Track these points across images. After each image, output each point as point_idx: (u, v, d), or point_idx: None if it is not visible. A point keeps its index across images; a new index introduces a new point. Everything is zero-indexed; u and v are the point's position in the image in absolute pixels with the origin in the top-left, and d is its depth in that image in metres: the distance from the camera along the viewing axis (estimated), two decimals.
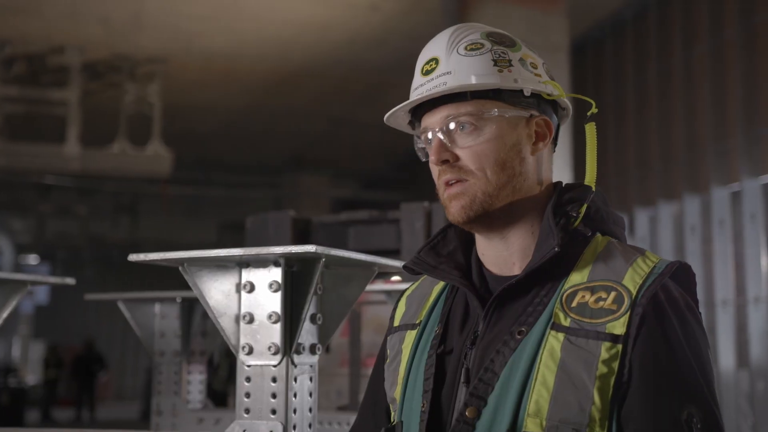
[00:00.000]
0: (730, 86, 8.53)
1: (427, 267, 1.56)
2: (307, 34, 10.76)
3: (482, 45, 1.49)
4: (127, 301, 3.01)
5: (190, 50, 11.30)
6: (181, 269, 1.91)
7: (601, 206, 1.54)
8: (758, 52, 8.18)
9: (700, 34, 8.99)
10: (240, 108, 13.61)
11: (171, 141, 12.18)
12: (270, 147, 15.99)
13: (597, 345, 1.33)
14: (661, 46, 9.60)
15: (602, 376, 1.32)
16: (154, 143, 11.88)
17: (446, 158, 1.47)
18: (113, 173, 12.66)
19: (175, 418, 2.98)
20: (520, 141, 1.48)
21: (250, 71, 11.99)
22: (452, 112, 1.47)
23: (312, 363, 1.96)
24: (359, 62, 11.68)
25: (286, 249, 1.82)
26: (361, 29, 10.68)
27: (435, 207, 3.20)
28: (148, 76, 11.83)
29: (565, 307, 1.38)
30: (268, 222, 3.31)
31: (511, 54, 1.50)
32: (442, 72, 1.48)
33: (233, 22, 10.48)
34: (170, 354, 3.04)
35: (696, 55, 9.07)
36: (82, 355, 17.61)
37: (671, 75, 9.30)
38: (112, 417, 17.22)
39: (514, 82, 1.47)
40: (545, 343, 1.36)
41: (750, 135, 8.24)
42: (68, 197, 17.93)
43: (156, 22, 10.51)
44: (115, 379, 22.91)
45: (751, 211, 8.22)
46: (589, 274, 1.41)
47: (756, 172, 8.19)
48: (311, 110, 13.69)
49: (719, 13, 8.75)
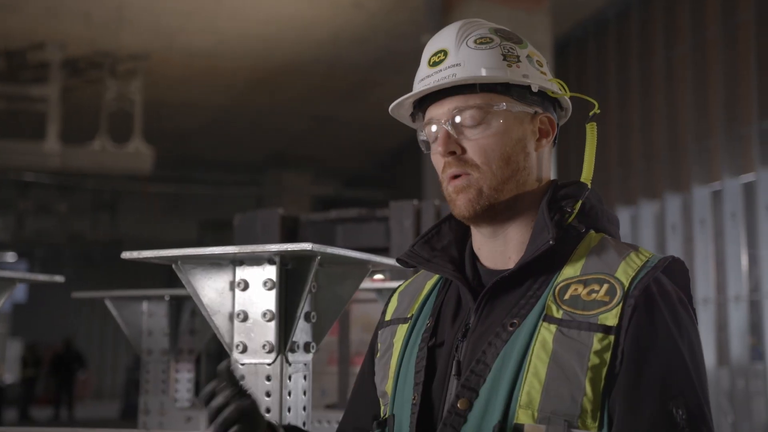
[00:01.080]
0: (711, 86, 8.59)
1: (421, 260, 1.56)
2: (290, 31, 10.73)
3: (491, 39, 1.50)
4: (114, 299, 2.99)
5: (172, 47, 11.24)
6: (175, 267, 1.90)
7: (596, 204, 1.54)
8: (739, 52, 8.24)
9: (682, 33, 9.04)
10: (222, 105, 13.56)
11: (152, 138, 12.11)
12: (252, 145, 15.94)
13: (589, 336, 1.33)
14: (644, 45, 9.65)
15: (594, 367, 1.32)
16: (135, 140, 11.80)
17: (453, 149, 1.47)
18: (94, 170, 12.58)
19: (163, 417, 2.97)
20: (525, 136, 1.49)
21: (232, 68, 11.95)
22: (460, 104, 1.47)
23: (306, 361, 1.96)
24: (342, 60, 11.67)
25: (282, 247, 1.81)
26: (344, 27, 10.66)
27: (424, 205, 3.20)
28: (129, 72, 11.76)
29: (558, 300, 1.39)
30: (257, 220, 3.30)
31: (519, 50, 1.51)
32: (452, 63, 1.48)
33: (216, 19, 10.43)
34: (158, 352, 3.03)
35: (678, 54, 9.12)
36: (60, 354, 17.48)
37: (653, 74, 9.35)
38: (91, 416, 17.10)
39: (523, 77, 1.48)
40: (537, 335, 1.36)
41: (731, 134, 8.30)
42: (48, 195, 17.79)
43: (138, 18, 10.45)
44: (94, 377, 22.76)
45: (732, 210, 8.29)
46: (582, 268, 1.42)
47: (737, 171, 8.26)
48: (293, 108, 13.66)
49: (701, 13, 8.81)
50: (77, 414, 16.82)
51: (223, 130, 14.87)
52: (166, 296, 2.97)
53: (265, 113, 13.96)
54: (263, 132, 15.06)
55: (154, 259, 1.89)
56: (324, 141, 15.63)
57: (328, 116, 14.08)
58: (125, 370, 18.83)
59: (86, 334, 22.87)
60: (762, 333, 8.06)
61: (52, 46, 11.20)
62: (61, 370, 17.13)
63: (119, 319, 3.01)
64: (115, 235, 18.94)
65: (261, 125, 14.65)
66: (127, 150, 11.80)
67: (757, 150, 7.89)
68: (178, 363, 3.06)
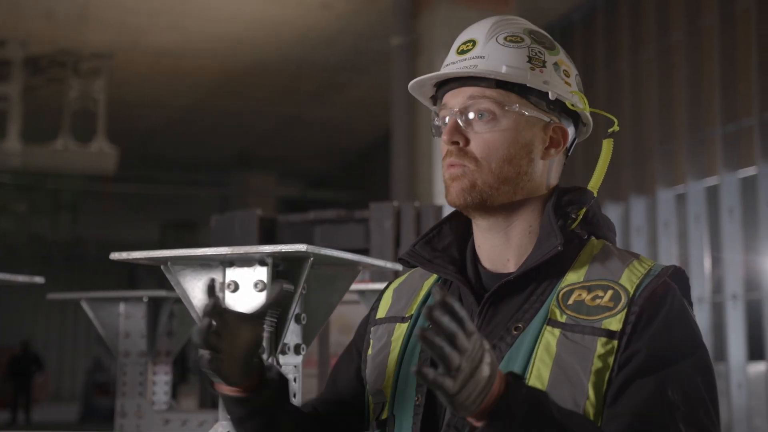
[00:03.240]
0: (676, 89, 8.71)
1: (422, 260, 1.56)
2: (257, 31, 10.68)
3: (522, 39, 1.51)
4: (90, 301, 2.95)
5: (137, 46, 11.12)
6: (164, 268, 1.88)
7: (597, 211, 1.56)
8: (704, 55, 8.35)
9: (647, 38, 9.15)
10: (187, 105, 13.45)
11: (116, 138, 11.98)
12: (217, 145, 15.83)
13: (593, 340, 1.34)
14: (609, 49, 9.75)
15: (597, 371, 1.33)
16: (99, 140, 11.66)
17: (457, 140, 1.47)
18: (56, 170, 12.40)
19: (140, 420, 2.93)
20: (532, 142, 1.49)
21: (198, 68, 11.85)
22: (476, 94, 1.47)
23: (296, 363, 1.94)
24: (309, 61, 11.63)
25: (276, 248, 1.79)
26: (312, 28, 10.63)
27: (404, 207, 3.19)
28: (93, 71, 11.61)
29: (562, 305, 1.39)
30: (235, 220, 3.28)
31: (548, 56, 1.51)
32: (476, 55, 1.49)
33: (182, 18, 10.35)
34: (135, 354, 2.99)
35: (643, 58, 9.23)
36: (18, 356, 17.20)
37: (619, 78, 9.45)
38: (48, 418, 16.84)
39: (543, 83, 1.48)
40: (541, 339, 1.37)
41: (695, 138, 8.42)
42: (7, 194, 17.50)
43: (102, 16, 10.32)
44: (52, 380, 22.44)
45: (696, 212, 8.40)
46: (585, 274, 1.43)
47: (700, 174, 8.37)
48: (259, 108, 13.59)
49: (666, 17, 8.92)
50: (34, 417, 16.55)
51: (188, 130, 14.75)
52: (145, 298, 2.94)
53: (230, 113, 13.88)
54: (228, 132, 14.96)
55: (144, 260, 1.86)
56: (289, 142, 15.58)
57: (295, 117, 14.03)
58: (84, 373, 18.59)
59: (45, 336, 22.55)
60: (724, 334, 8.19)
61: (13, 44, 11.03)
62: (18, 373, 16.86)
63: (95, 320, 2.96)
64: (75, 235, 18.70)
65: (226, 125, 14.55)
66: (91, 150, 11.65)
67: (720, 153, 8.01)
68: (155, 365, 3.02)
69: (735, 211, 7.85)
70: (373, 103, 12.46)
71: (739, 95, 7.89)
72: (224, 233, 3.29)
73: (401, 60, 8.61)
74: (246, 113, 13.82)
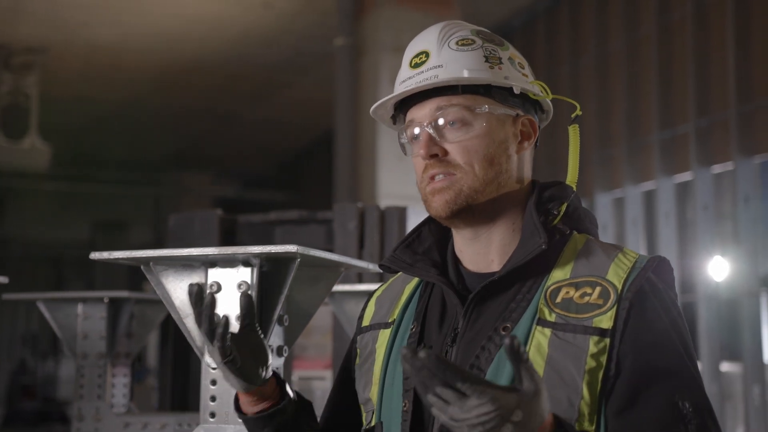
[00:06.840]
0: (614, 95, 8.88)
1: (404, 265, 1.56)
2: (196, 29, 10.53)
3: (473, 41, 1.51)
4: (47, 302, 2.87)
5: (73, 41, 10.86)
6: (144, 269, 1.84)
7: (578, 205, 1.58)
8: (641, 62, 8.54)
9: (587, 45, 9.31)
10: (123, 102, 13.19)
11: (49, 135, 11.68)
12: (152, 144, 15.56)
13: (585, 339, 1.35)
14: (549, 55, 9.89)
15: (591, 370, 1.34)
16: (31, 136, 11.35)
17: (435, 152, 1.47)
18: None
19: (99, 423, 2.86)
20: (507, 138, 1.50)
21: (135, 65, 11.63)
22: (443, 103, 1.47)
23: (278, 365, 1.92)
24: (249, 60, 11.52)
25: (264, 249, 1.77)
26: (253, 27, 10.53)
27: (367, 208, 3.19)
28: (25, 66, 11.29)
29: (550, 303, 1.40)
30: (194, 221, 3.22)
31: (501, 52, 1.52)
32: (434, 65, 1.48)
33: (120, 14, 10.14)
34: (94, 356, 2.92)
35: (582, 64, 9.39)
36: None
37: (558, 83, 9.59)
38: None
39: (505, 79, 1.49)
40: (532, 339, 1.37)
41: (633, 143, 8.59)
42: None
43: (36, 10, 10.04)
44: None
45: (633, 216, 8.58)
46: (572, 271, 1.44)
47: (638, 179, 8.55)
48: (197, 107, 13.41)
49: (605, 27, 9.09)
50: None
51: (122, 128, 14.45)
52: (105, 298, 2.87)
53: (167, 112, 13.66)
54: (164, 131, 14.72)
55: (126, 261, 1.82)
56: (226, 141, 15.40)
57: (232, 116, 13.89)
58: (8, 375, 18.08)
59: None
60: None
61: None
62: None
63: (52, 321, 2.89)
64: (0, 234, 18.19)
65: (162, 124, 14.32)
66: (22, 146, 11.34)
67: (657, 159, 8.19)
68: (114, 367, 2.96)
69: (671, 215, 8.04)
70: (313, 104, 12.41)
71: (675, 102, 8.09)
72: (182, 233, 3.23)
73: (345, 61, 8.58)
74: (183, 112, 13.62)
